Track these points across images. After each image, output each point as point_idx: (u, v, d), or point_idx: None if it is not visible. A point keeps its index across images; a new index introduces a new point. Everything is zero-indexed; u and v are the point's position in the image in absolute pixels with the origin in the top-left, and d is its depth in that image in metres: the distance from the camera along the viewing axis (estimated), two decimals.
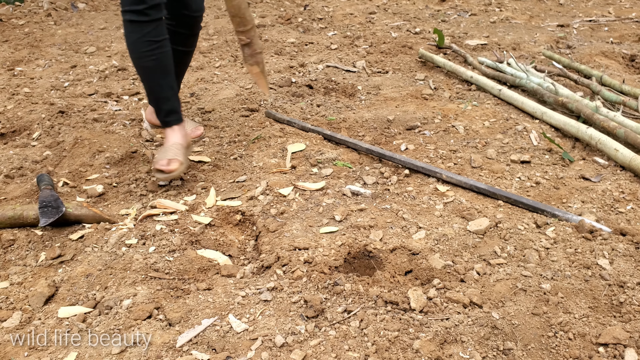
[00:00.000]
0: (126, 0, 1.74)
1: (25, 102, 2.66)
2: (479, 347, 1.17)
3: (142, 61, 1.79)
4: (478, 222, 1.60)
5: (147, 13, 1.73)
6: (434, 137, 2.20)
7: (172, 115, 1.88)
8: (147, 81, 1.85)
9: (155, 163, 1.81)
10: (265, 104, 2.58)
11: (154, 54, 1.77)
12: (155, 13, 1.76)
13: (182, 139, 1.88)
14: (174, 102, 1.88)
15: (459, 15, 4.23)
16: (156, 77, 1.82)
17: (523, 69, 2.69)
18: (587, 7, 4.33)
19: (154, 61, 1.78)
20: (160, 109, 1.87)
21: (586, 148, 2.06)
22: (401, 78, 2.89)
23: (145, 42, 1.75)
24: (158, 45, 1.77)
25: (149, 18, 1.74)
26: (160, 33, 1.78)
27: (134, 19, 1.73)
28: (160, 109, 1.88)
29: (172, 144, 1.84)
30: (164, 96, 1.85)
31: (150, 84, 1.84)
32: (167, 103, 1.86)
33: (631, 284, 1.32)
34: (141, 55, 1.77)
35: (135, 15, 1.73)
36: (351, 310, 1.27)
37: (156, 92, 1.85)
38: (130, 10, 1.73)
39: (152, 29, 1.75)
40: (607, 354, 1.14)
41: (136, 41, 1.76)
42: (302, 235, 1.56)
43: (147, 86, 1.86)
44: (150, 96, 1.89)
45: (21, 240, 1.62)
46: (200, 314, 1.30)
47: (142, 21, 1.74)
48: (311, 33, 3.91)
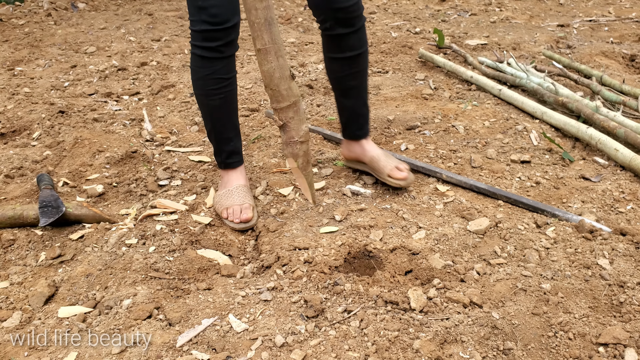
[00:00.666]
0: (197, 35, 1.55)
1: (25, 102, 2.66)
2: (479, 347, 1.17)
3: (208, 99, 1.63)
4: (478, 222, 1.60)
5: (220, 50, 1.56)
6: (434, 137, 2.20)
7: (234, 157, 1.74)
8: (210, 119, 1.69)
9: (220, 209, 1.67)
10: (266, 104, 2.58)
11: (222, 92, 1.62)
12: (229, 50, 1.59)
13: (245, 181, 1.75)
14: (236, 143, 1.73)
15: (459, 15, 4.23)
16: (221, 117, 1.68)
17: (523, 68, 2.69)
18: (587, 7, 4.33)
19: (221, 100, 1.64)
20: (222, 150, 1.72)
21: (586, 148, 2.06)
22: (401, 78, 2.89)
23: (214, 79, 1.60)
24: (227, 82, 1.62)
25: (222, 55, 1.58)
26: (230, 69, 1.63)
27: (205, 55, 1.57)
28: (221, 150, 1.72)
29: (236, 187, 1.70)
30: (227, 137, 1.70)
31: (214, 123, 1.69)
32: (229, 144, 1.71)
33: (631, 283, 1.32)
34: (208, 92, 1.62)
35: (207, 51, 1.56)
36: (351, 310, 1.27)
37: (218, 132, 1.70)
38: (202, 46, 1.56)
39: (223, 66, 1.60)
40: (607, 354, 1.14)
41: (204, 77, 1.60)
42: (302, 235, 1.57)
43: (210, 125, 1.70)
44: (210, 135, 1.72)
45: (21, 240, 1.62)
46: (200, 313, 1.30)
47: (214, 58, 1.57)
48: (311, 33, 3.91)
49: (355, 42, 1.68)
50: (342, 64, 1.72)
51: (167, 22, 4.30)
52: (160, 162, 2.10)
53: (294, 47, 3.53)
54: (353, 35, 1.66)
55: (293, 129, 1.29)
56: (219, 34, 1.52)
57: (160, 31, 4.03)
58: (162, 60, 3.32)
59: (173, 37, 3.85)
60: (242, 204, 1.65)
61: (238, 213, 1.64)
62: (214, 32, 1.52)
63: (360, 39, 1.69)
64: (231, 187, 1.70)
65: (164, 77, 3.03)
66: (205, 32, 1.52)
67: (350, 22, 1.63)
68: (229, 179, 1.73)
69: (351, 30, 1.64)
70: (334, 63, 1.74)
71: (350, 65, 1.72)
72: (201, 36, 1.54)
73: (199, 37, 1.55)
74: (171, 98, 2.72)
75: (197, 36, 1.55)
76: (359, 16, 1.65)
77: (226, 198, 1.67)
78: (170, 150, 2.18)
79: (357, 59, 1.71)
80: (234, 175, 1.74)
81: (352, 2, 1.60)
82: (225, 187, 1.72)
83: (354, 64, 1.72)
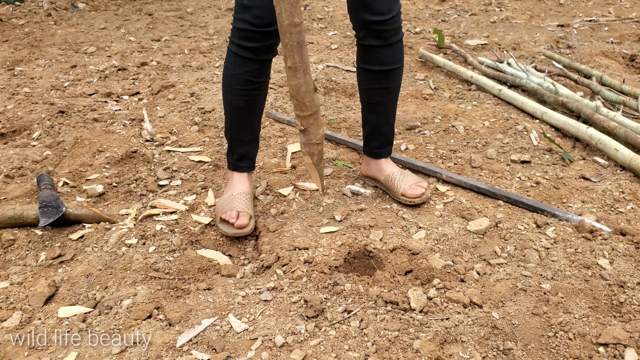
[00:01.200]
0: (236, 32, 1.53)
1: (25, 102, 2.66)
2: (479, 347, 1.17)
3: (233, 97, 1.61)
4: (478, 222, 1.60)
5: (256, 52, 1.54)
6: (434, 137, 2.20)
7: (245, 162, 1.71)
8: (230, 118, 1.67)
9: (220, 212, 1.64)
10: (266, 104, 2.58)
11: (248, 95, 1.60)
12: (265, 54, 1.56)
13: (250, 188, 1.72)
14: (251, 148, 1.71)
15: (459, 15, 4.23)
16: (241, 118, 1.65)
17: (523, 68, 2.69)
18: (587, 7, 4.33)
19: (246, 101, 1.61)
20: (234, 151, 1.70)
21: (586, 148, 2.06)
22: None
23: (243, 79, 1.58)
24: (256, 86, 1.60)
25: (257, 58, 1.55)
26: (262, 74, 1.59)
27: (239, 54, 1.54)
28: (233, 150, 1.70)
29: (240, 193, 1.67)
30: (242, 139, 1.68)
31: (233, 121, 1.66)
32: (243, 147, 1.69)
33: (631, 283, 1.32)
34: (234, 91, 1.60)
35: (242, 50, 1.54)
36: (351, 310, 1.27)
37: (235, 133, 1.68)
38: (238, 44, 1.53)
39: (256, 68, 1.57)
40: (607, 354, 1.14)
41: (234, 75, 1.58)
42: (302, 235, 1.57)
43: (229, 123, 1.68)
44: (227, 133, 1.70)
45: (21, 240, 1.62)
46: (201, 313, 1.30)
47: (248, 58, 1.55)
48: (311, 33, 3.91)
49: (387, 57, 1.61)
50: (370, 77, 1.67)
51: (167, 22, 4.30)
52: (160, 162, 2.09)
53: None
54: (385, 50, 1.60)
55: (312, 132, 1.47)
56: (258, 35, 1.50)
57: (160, 31, 4.03)
58: (162, 60, 3.32)
59: (173, 37, 3.85)
60: (241, 210, 1.62)
61: (235, 217, 1.60)
62: (253, 33, 1.50)
63: (393, 55, 1.62)
64: (235, 192, 1.68)
65: (164, 77, 3.03)
66: (245, 32, 1.50)
67: (383, 36, 1.57)
68: (235, 183, 1.71)
69: (383, 43, 1.58)
70: (362, 73, 1.69)
71: (378, 79, 1.66)
72: (239, 34, 1.52)
73: (238, 35, 1.53)
74: (171, 98, 2.72)
75: (236, 33, 1.53)
76: (394, 30, 1.58)
77: (228, 203, 1.65)
78: (170, 150, 2.18)
79: (386, 74, 1.65)
80: (241, 180, 1.71)
81: (388, 15, 1.53)
82: (229, 191, 1.70)
83: (383, 80, 1.66)
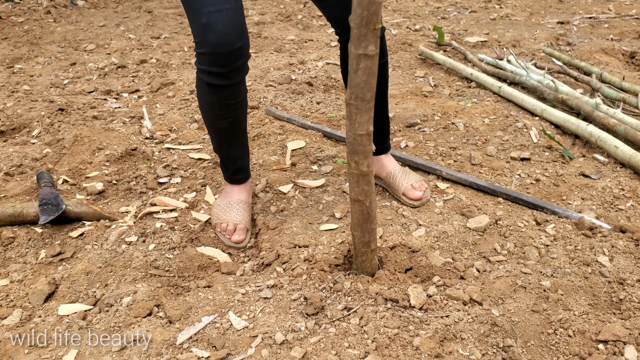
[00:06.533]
0: (203, 58, 1.38)
1: (24, 100, 2.66)
2: (479, 344, 1.17)
3: (216, 123, 1.56)
4: (478, 220, 1.60)
5: (229, 76, 1.41)
6: (434, 134, 2.20)
7: (241, 174, 1.70)
8: (216, 139, 1.63)
9: (216, 222, 1.64)
10: (265, 101, 2.57)
11: (230, 116, 1.54)
12: (238, 75, 1.44)
13: (247, 197, 1.70)
14: (243, 160, 1.69)
15: (458, 12, 4.23)
16: (228, 137, 1.61)
17: (523, 66, 2.69)
18: (587, 4, 4.32)
19: (229, 122, 1.56)
20: (227, 168, 1.68)
21: (586, 145, 2.06)
22: (401, 75, 2.89)
23: (222, 105, 1.49)
24: (235, 106, 1.53)
25: (231, 82, 1.44)
26: (239, 93, 1.51)
27: (212, 82, 1.42)
28: (227, 167, 1.68)
29: (237, 202, 1.66)
30: (233, 155, 1.66)
31: (220, 143, 1.63)
32: (235, 162, 1.67)
33: (631, 281, 1.32)
34: (216, 117, 1.54)
35: (214, 78, 1.41)
36: (351, 308, 1.27)
37: (224, 152, 1.65)
38: (208, 71, 1.39)
39: (232, 91, 1.47)
40: (607, 351, 1.14)
41: (211, 102, 1.49)
42: (302, 232, 1.57)
43: (216, 145, 1.65)
44: (217, 152, 1.67)
45: (21, 238, 1.62)
46: (201, 311, 1.30)
47: (222, 85, 1.43)
48: (311, 30, 3.90)
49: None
50: None
51: (167, 20, 4.30)
52: (160, 159, 2.09)
53: (293, 44, 3.53)
54: None
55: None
56: (228, 57, 1.37)
57: (160, 28, 4.02)
58: (161, 57, 3.31)
59: (172, 35, 3.85)
60: (238, 223, 1.61)
61: (232, 232, 1.60)
62: (221, 57, 1.36)
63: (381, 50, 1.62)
64: (232, 200, 1.67)
65: (164, 74, 3.02)
66: (212, 56, 1.36)
67: None
68: (231, 191, 1.70)
69: None
70: None
71: None
72: (207, 60, 1.37)
73: (205, 61, 1.38)
74: (171, 95, 2.71)
75: (202, 60, 1.39)
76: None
77: (224, 212, 1.64)
78: (170, 148, 2.18)
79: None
80: (237, 189, 1.70)
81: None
82: (226, 198, 1.69)
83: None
